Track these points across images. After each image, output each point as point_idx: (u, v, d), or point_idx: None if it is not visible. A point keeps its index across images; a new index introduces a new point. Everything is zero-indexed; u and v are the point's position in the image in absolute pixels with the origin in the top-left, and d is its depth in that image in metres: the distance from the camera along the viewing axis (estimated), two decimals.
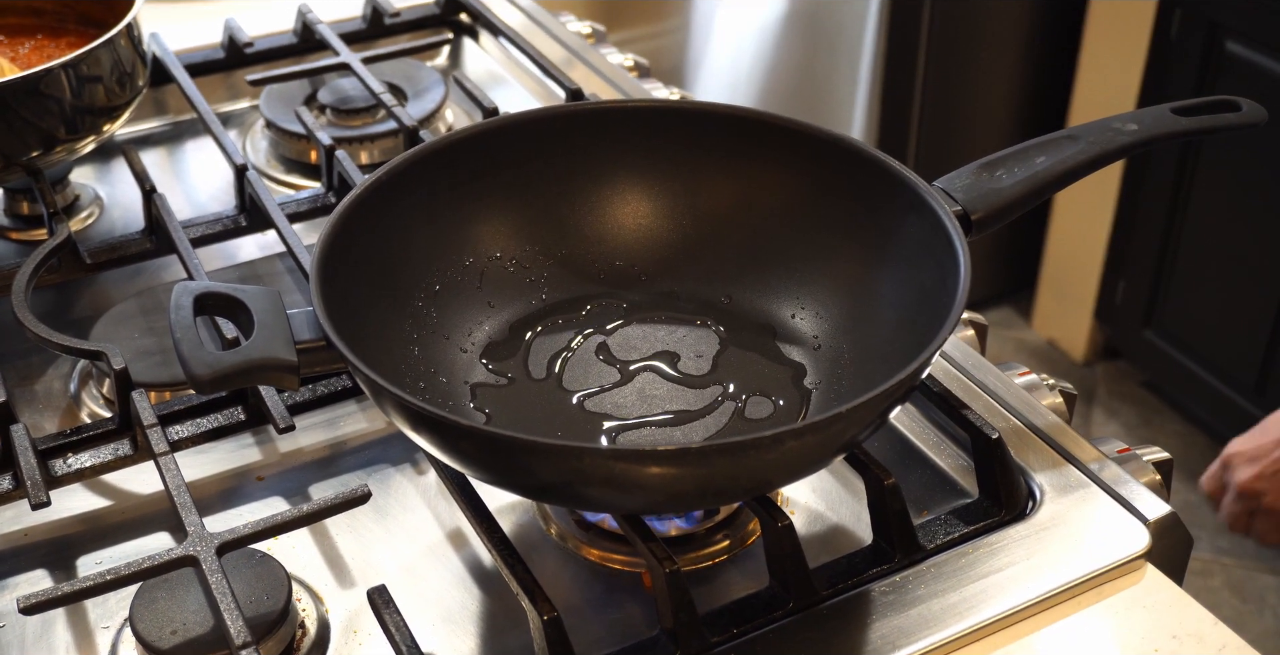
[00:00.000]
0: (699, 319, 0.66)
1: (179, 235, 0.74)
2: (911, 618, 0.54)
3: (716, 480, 0.49)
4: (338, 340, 0.51)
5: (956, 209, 0.58)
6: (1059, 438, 0.63)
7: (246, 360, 0.51)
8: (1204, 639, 0.53)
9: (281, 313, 0.53)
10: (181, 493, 0.57)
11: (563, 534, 0.62)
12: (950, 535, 0.57)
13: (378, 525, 0.63)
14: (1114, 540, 0.57)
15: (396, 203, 0.61)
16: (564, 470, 0.49)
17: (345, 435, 0.69)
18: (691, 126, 0.65)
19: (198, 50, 0.95)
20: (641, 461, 0.47)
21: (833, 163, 0.62)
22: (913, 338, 0.54)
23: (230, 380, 0.51)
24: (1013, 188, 0.60)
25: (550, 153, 0.65)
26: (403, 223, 0.62)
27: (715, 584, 0.59)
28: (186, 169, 0.92)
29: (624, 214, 0.68)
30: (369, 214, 0.59)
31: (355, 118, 0.89)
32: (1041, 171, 0.60)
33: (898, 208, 0.59)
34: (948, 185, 0.60)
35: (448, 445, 0.51)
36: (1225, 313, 1.75)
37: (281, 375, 0.52)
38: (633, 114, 0.66)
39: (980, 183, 0.60)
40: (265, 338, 0.52)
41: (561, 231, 0.67)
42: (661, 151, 0.66)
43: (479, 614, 0.58)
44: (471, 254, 0.65)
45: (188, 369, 0.51)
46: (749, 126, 0.65)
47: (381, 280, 0.60)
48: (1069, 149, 0.61)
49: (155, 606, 0.56)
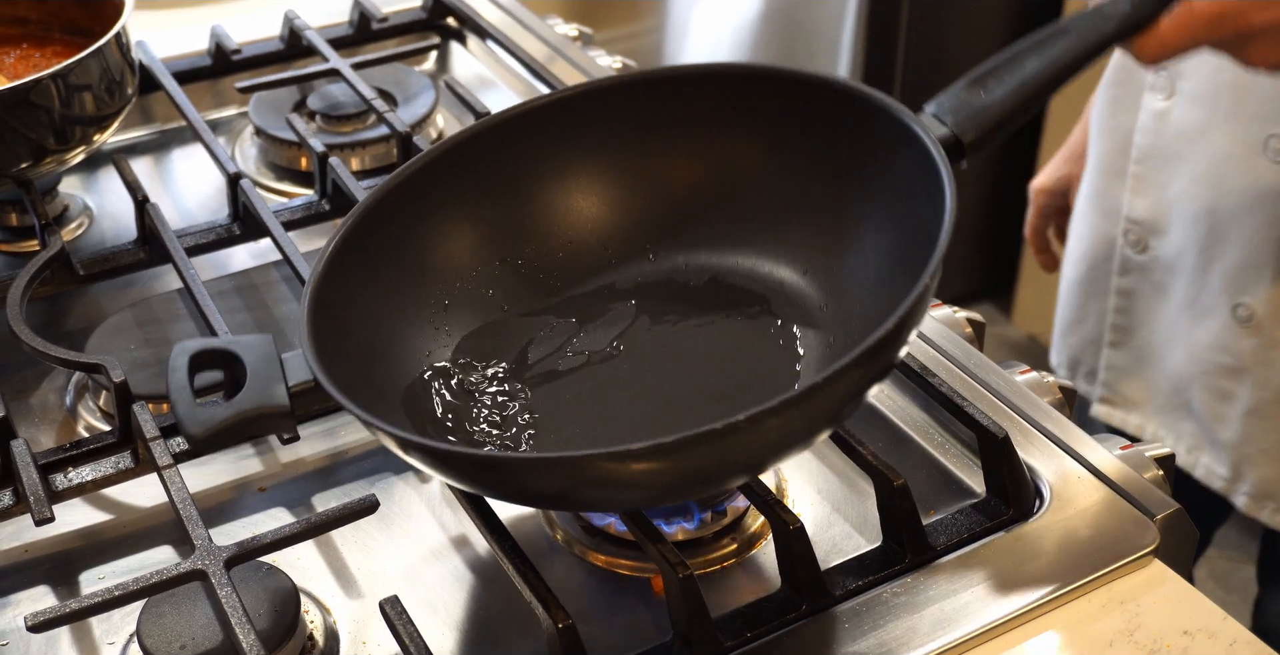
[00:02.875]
0: (686, 295, 0.64)
1: (174, 245, 0.73)
2: (924, 618, 0.54)
3: (710, 465, 0.49)
4: (326, 381, 0.52)
5: (944, 133, 0.56)
6: (1063, 435, 0.63)
7: (239, 414, 0.52)
8: (1215, 634, 0.54)
9: (274, 359, 0.54)
10: (187, 506, 0.57)
11: (569, 539, 0.62)
12: (960, 535, 0.58)
13: (382, 534, 0.63)
14: (1123, 537, 0.57)
15: (380, 233, 0.61)
16: (556, 480, 0.50)
17: (346, 444, 0.68)
18: (665, 93, 0.64)
19: (184, 58, 0.94)
20: (622, 460, 0.47)
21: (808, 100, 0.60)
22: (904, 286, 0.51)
23: (226, 435, 0.52)
24: (1002, 102, 0.57)
25: (505, 158, 0.64)
26: (389, 253, 0.61)
27: (724, 587, 0.59)
28: (174, 177, 0.91)
29: (585, 204, 0.66)
30: (354, 250, 0.59)
31: (346, 124, 0.89)
32: (1032, 77, 0.57)
33: (885, 143, 0.57)
34: (937, 108, 0.57)
35: (444, 469, 0.51)
36: None
37: (277, 422, 0.53)
38: (598, 92, 0.64)
39: (970, 100, 0.57)
40: (257, 387, 0.53)
41: (523, 237, 0.65)
42: (635, 124, 0.64)
43: (489, 621, 0.58)
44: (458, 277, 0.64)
45: (183, 430, 0.52)
46: (716, 82, 0.63)
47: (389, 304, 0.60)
48: (1059, 45, 0.58)
49: (163, 621, 0.55)
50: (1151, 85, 0.88)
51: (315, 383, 0.53)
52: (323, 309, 0.56)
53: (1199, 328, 0.90)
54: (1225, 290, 0.87)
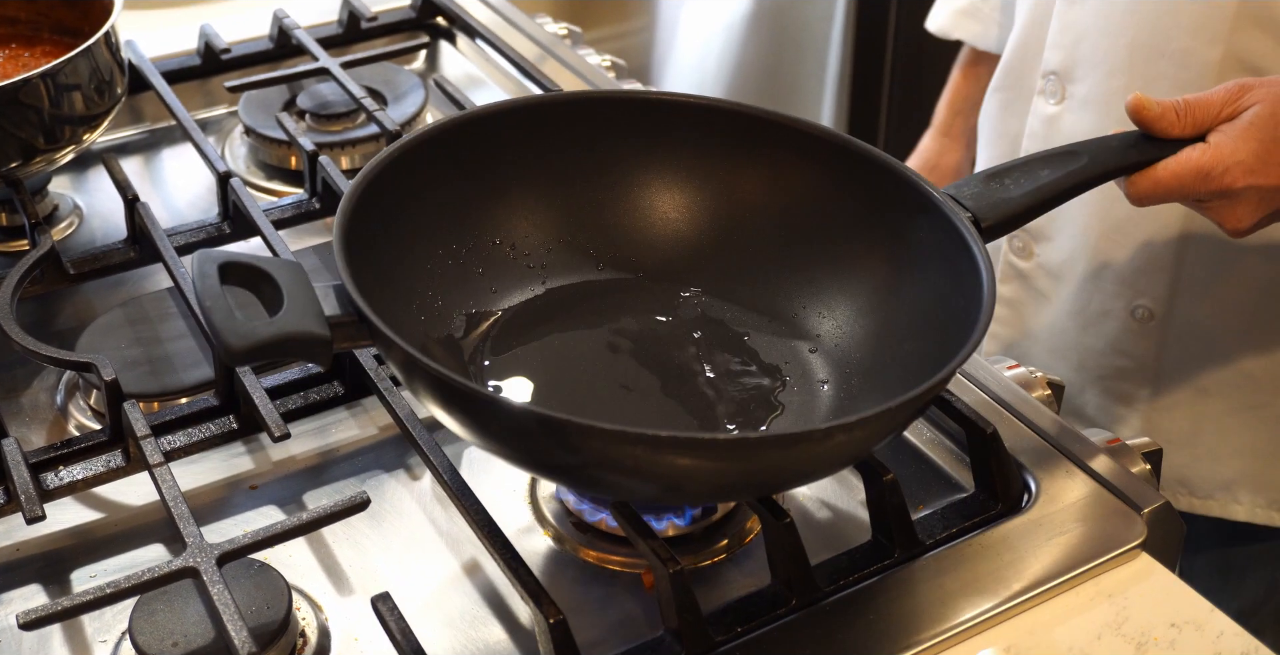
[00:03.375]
0: (703, 310, 0.65)
1: (164, 244, 0.73)
2: (913, 612, 0.54)
3: (762, 471, 0.50)
4: (371, 314, 0.50)
5: (968, 215, 0.59)
6: (1050, 430, 0.63)
7: (281, 332, 0.50)
8: (1202, 627, 0.54)
9: (309, 286, 0.52)
10: (179, 504, 0.57)
11: (560, 536, 0.62)
12: (949, 530, 0.58)
13: (374, 531, 0.63)
14: (1110, 531, 0.57)
15: (403, 184, 0.60)
16: (612, 455, 0.49)
17: (336, 442, 0.68)
18: (700, 121, 0.65)
19: (173, 57, 0.94)
20: (694, 450, 0.47)
21: (840, 164, 0.63)
22: (928, 338, 0.54)
23: (264, 352, 0.49)
24: (1022, 198, 0.61)
25: (557, 139, 0.65)
26: (409, 204, 0.61)
27: (715, 583, 0.59)
28: (164, 177, 0.91)
29: (629, 204, 0.67)
30: (380, 195, 0.58)
31: (335, 123, 0.89)
32: (1046, 185, 0.61)
33: (906, 211, 0.60)
34: (956, 192, 0.61)
35: (482, 426, 0.50)
36: None
37: (315, 349, 0.51)
38: (641, 106, 0.66)
39: (989, 191, 0.61)
40: (297, 311, 0.51)
41: (564, 219, 0.67)
42: (667, 145, 0.66)
43: (480, 617, 0.58)
44: (471, 239, 0.64)
45: (221, 339, 0.49)
46: (757, 125, 0.65)
47: (391, 262, 0.60)
48: (1072, 164, 0.62)
49: (155, 619, 0.55)
50: (1041, 90, 0.87)
51: (356, 317, 0.51)
52: (353, 243, 0.54)
53: (1090, 334, 0.89)
54: (1120, 294, 0.86)
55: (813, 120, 0.64)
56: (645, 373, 0.63)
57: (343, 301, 0.52)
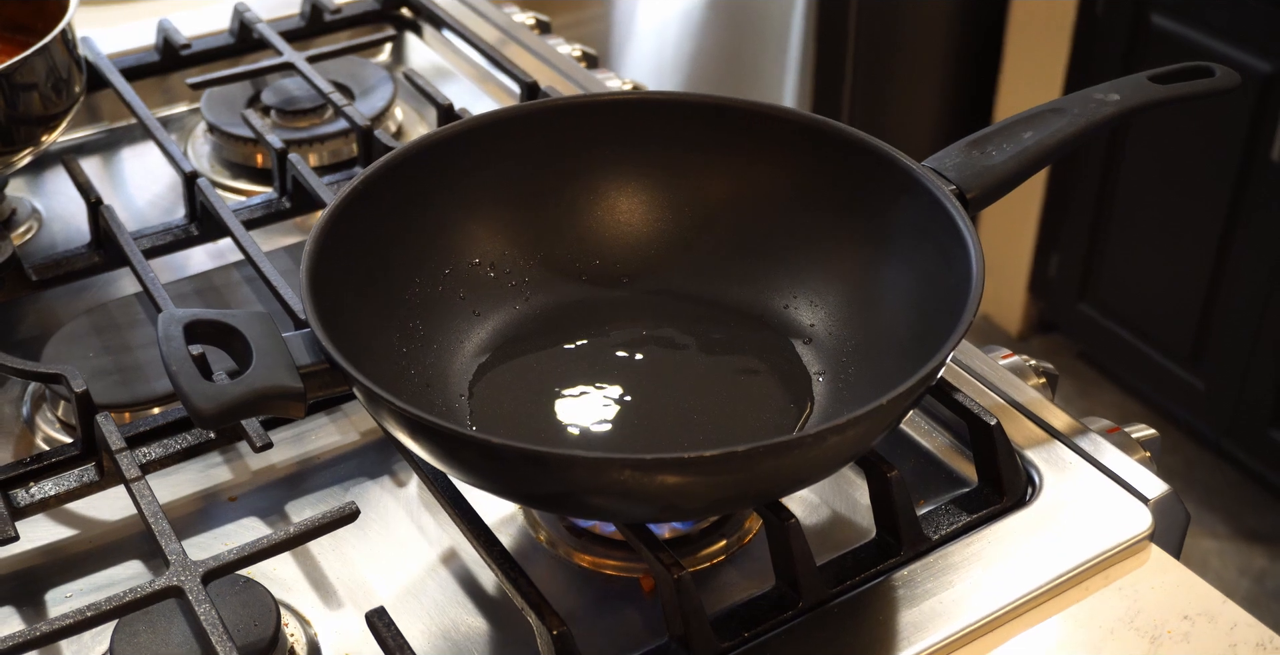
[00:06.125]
0: (690, 315, 0.64)
1: (131, 248, 0.71)
2: (923, 611, 0.53)
3: (757, 481, 0.48)
4: (342, 361, 0.49)
5: (951, 188, 0.58)
6: (1050, 419, 0.62)
7: (251, 391, 0.49)
8: (1215, 618, 0.53)
9: (278, 337, 0.51)
10: (159, 519, 0.54)
11: (553, 541, 0.60)
12: (954, 525, 0.57)
13: (361, 541, 0.61)
14: (1117, 522, 0.56)
15: (372, 216, 0.59)
16: (600, 482, 0.48)
17: (317, 450, 0.66)
18: (667, 118, 0.64)
19: (132, 54, 0.91)
20: (683, 469, 0.46)
21: (817, 147, 0.61)
22: (921, 320, 0.53)
23: (237, 413, 0.48)
24: (1005, 164, 0.59)
25: (523, 152, 0.63)
26: (380, 235, 0.59)
27: (715, 585, 0.58)
28: (124, 177, 0.88)
29: (603, 211, 0.66)
30: (347, 230, 0.57)
31: (302, 119, 0.86)
32: (1031, 146, 0.60)
33: (889, 190, 0.58)
34: (937, 165, 0.59)
35: (462, 460, 0.49)
36: (1159, 282, 1.77)
37: (288, 403, 0.50)
38: (605, 108, 0.64)
39: (971, 161, 0.59)
40: (267, 365, 0.49)
41: (540, 233, 0.65)
42: (637, 145, 0.65)
43: (477, 629, 0.56)
44: (450, 263, 0.63)
45: (190, 405, 0.48)
46: (726, 115, 0.63)
47: (367, 296, 0.58)
48: (1055, 122, 0.61)
49: (137, 640, 0.53)
50: None
51: (329, 365, 0.50)
52: (322, 286, 0.53)
53: None
54: None
55: (779, 104, 0.63)
56: (640, 386, 0.61)
57: (313, 349, 0.51)
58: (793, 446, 0.47)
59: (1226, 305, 1.68)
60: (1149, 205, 1.75)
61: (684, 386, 0.61)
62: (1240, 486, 1.79)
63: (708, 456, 0.46)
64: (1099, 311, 1.88)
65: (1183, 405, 1.81)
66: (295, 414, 0.51)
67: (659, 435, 0.58)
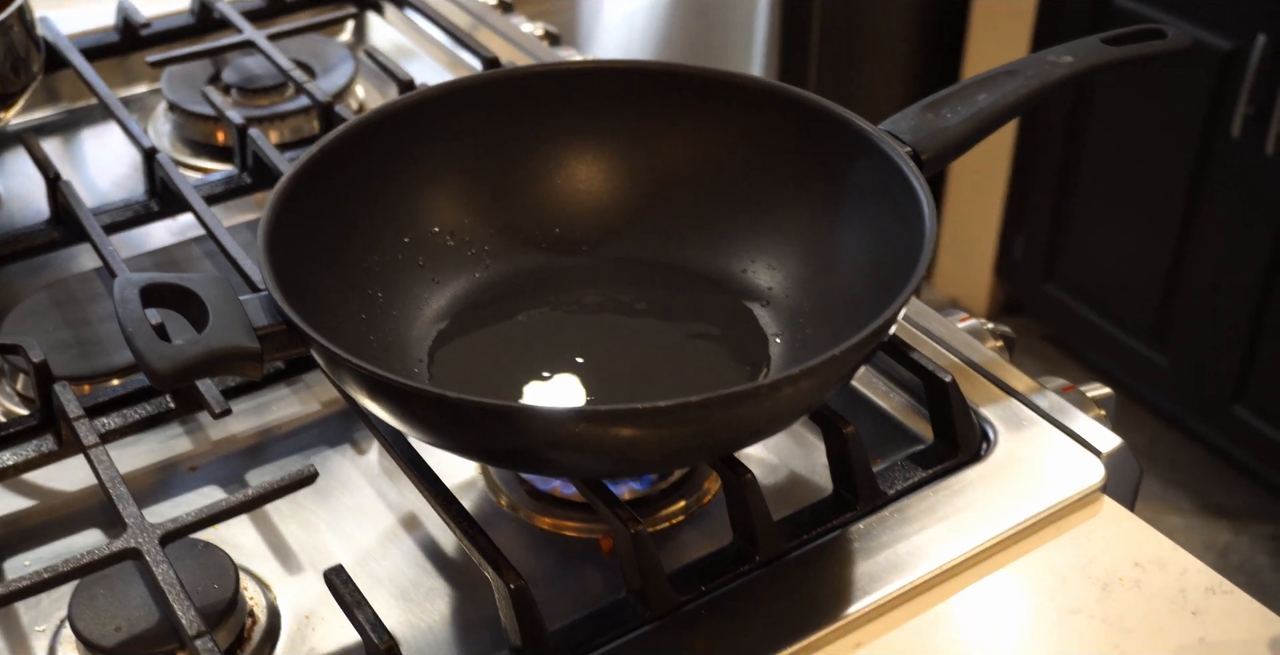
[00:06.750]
0: (648, 280, 0.64)
1: (90, 222, 0.70)
2: (878, 563, 0.54)
3: (712, 433, 0.48)
4: (299, 320, 0.49)
5: (907, 149, 0.58)
6: (1006, 378, 0.63)
7: (208, 350, 0.49)
8: (1166, 565, 0.54)
9: (235, 300, 0.51)
10: (117, 484, 0.54)
11: (514, 504, 0.60)
12: (910, 480, 0.57)
13: (321, 508, 0.61)
14: (1070, 474, 0.57)
15: (331, 183, 0.59)
16: (557, 435, 0.48)
17: (278, 420, 0.66)
18: (625, 86, 0.64)
19: (91, 34, 0.91)
20: (638, 420, 0.46)
21: (774, 113, 0.62)
22: (876, 280, 0.53)
23: (192, 372, 0.48)
24: (959, 125, 0.60)
25: (482, 121, 0.64)
26: (340, 203, 0.59)
27: (675, 545, 0.58)
28: (84, 158, 0.88)
29: (562, 180, 0.66)
30: (306, 196, 0.57)
31: (263, 97, 0.86)
32: (985, 108, 0.60)
33: (845, 152, 0.59)
34: (893, 127, 0.60)
35: (420, 417, 0.49)
36: (1123, 262, 1.79)
37: (245, 364, 0.50)
38: (563, 77, 0.65)
39: (926, 123, 0.60)
40: (223, 326, 0.50)
41: (500, 202, 0.65)
42: (595, 114, 0.65)
43: (436, 589, 0.57)
44: (410, 230, 0.63)
45: (146, 364, 0.48)
46: (682, 82, 0.64)
47: (325, 263, 0.58)
48: (1009, 84, 0.62)
49: (95, 604, 0.53)
50: None
51: (286, 326, 0.50)
52: (279, 249, 0.53)
53: None
54: None
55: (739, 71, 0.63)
56: (598, 350, 0.61)
57: (271, 311, 0.51)
58: (747, 397, 0.47)
59: (1190, 283, 1.69)
60: (1112, 186, 1.76)
61: (642, 350, 0.61)
62: (1205, 463, 1.81)
63: (662, 407, 0.46)
64: (1064, 292, 1.90)
65: (1148, 383, 1.83)
66: (253, 375, 0.51)
67: (617, 394, 0.58)
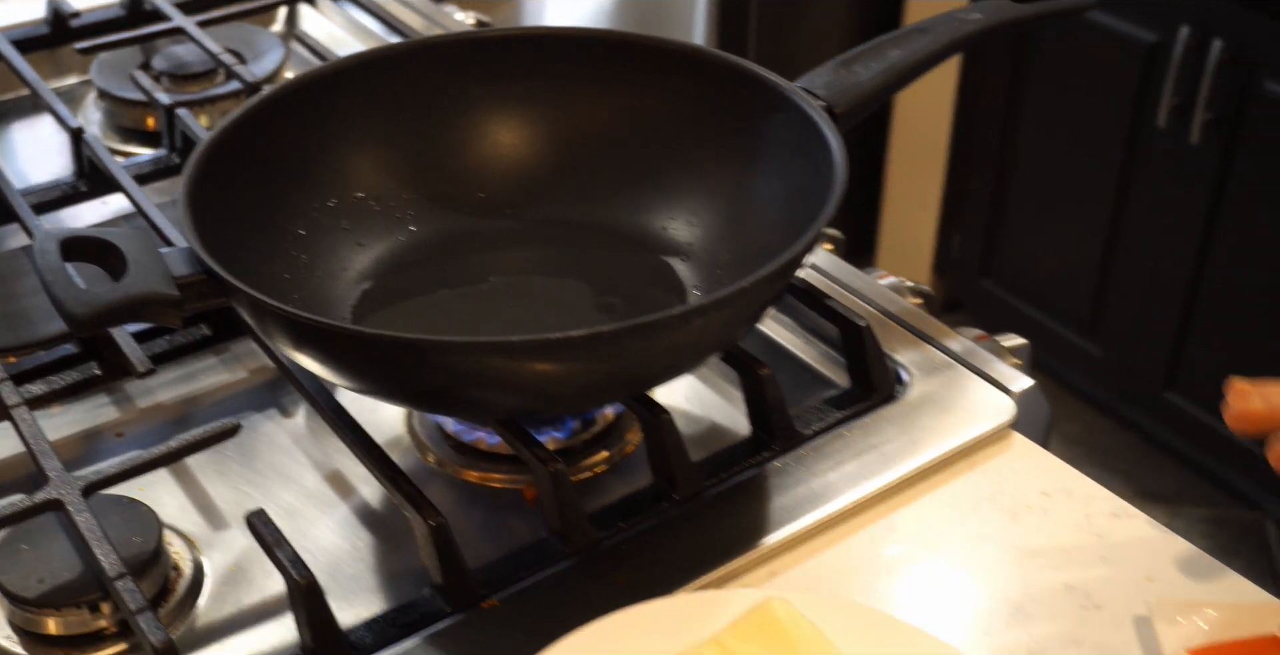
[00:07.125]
0: (571, 241, 0.65)
1: (17, 200, 0.71)
2: (795, 497, 0.55)
3: (627, 366, 0.49)
4: (219, 269, 0.50)
5: (821, 104, 0.60)
6: (922, 326, 0.64)
7: (126, 296, 0.49)
8: (1073, 493, 0.55)
9: (155, 251, 0.52)
10: (39, 440, 0.55)
11: (440, 460, 0.61)
12: (825, 421, 0.58)
13: (247, 468, 0.62)
14: (981, 412, 0.58)
15: (253, 146, 0.60)
16: (473, 368, 0.49)
17: (205, 387, 0.67)
18: (543, 52, 0.65)
19: (20, 27, 0.91)
20: (552, 351, 0.47)
21: (691, 74, 0.63)
22: (792, 229, 0.54)
23: (110, 317, 0.49)
24: (872, 80, 0.62)
25: (404, 89, 0.64)
26: (262, 165, 0.60)
27: (597, 492, 0.59)
28: (15, 150, 0.88)
29: (485, 145, 0.67)
30: (228, 158, 0.58)
31: (193, 83, 0.87)
32: (897, 63, 0.63)
33: (761, 109, 0.60)
34: (808, 84, 0.61)
35: (342, 359, 0.50)
36: (1057, 255, 1.82)
37: (164, 310, 0.50)
38: (482, 44, 0.66)
39: (839, 78, 0.62)
40: (142, 274, 0.50)
41: (424, 167, 0.66)
42: (515, 80, 0.66)
43: (363, 544, 0.57)
44: (334, 195, 0.64)
45: (63, 309, 0.48)
46: (598, 46, 0.65)
47: (247, 223, 0.59)
48: (920, 41, 0.64)
49: (18, 557, 0.53)
50: None
51: (206, 275, 0.51)
52: (200, 207, 0.54)
53: None
54: None
55: None
56: (520, 306, 0.62)
57: (192, 262, 0.52)
58: (658, 327, 0.48)
59: (1121, 273, 1.72)
60: (1046, 181, 1.80)
61: (564, 306, 0.62)
62: (1139, 449, 1.83)
63: (575, 336, 0.47)
64: (1000, 287, 1.93)
65: (1082, 372, 1.86)
66: (173, 322, 0.52)
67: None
